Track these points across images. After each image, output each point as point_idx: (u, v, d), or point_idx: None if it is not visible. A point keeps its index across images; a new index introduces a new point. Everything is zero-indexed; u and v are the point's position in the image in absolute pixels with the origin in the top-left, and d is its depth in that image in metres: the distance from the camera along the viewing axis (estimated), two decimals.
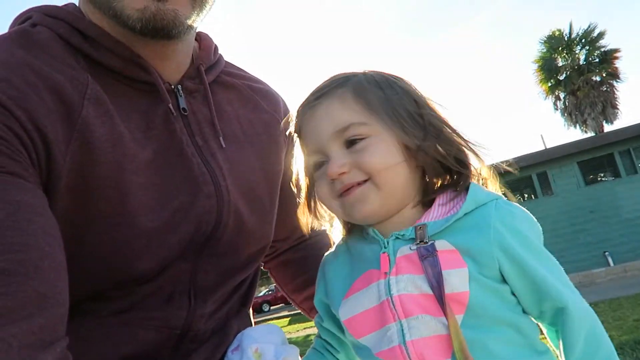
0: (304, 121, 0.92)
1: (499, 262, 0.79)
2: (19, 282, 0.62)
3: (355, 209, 0.86)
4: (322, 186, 0.90)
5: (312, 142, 0.90)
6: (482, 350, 0.77)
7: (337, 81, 0.92)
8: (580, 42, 23.59)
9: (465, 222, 0.83)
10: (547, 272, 0.80)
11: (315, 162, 0.92)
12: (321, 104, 0.91)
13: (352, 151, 0.86)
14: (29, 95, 0.73)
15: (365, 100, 0.89)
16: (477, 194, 0.85)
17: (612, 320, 6.94)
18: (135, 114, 0.87)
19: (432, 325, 0.79)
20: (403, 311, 0.80)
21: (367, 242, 0.93)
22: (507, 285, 0.81)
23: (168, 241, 0.86)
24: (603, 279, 12.08)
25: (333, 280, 0.96)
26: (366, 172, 0.85)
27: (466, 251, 0.80)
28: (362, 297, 0.87)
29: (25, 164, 0.70)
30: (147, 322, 0.87)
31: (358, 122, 0.88)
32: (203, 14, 0.89)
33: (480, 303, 0.78)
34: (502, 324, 0.80)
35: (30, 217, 0.67)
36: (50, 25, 0.85)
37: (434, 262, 0.80)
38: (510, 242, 0.80)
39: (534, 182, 13.81)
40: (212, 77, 1.03)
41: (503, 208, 0.84)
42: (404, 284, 0.81)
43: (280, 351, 0.88)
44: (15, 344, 0.59)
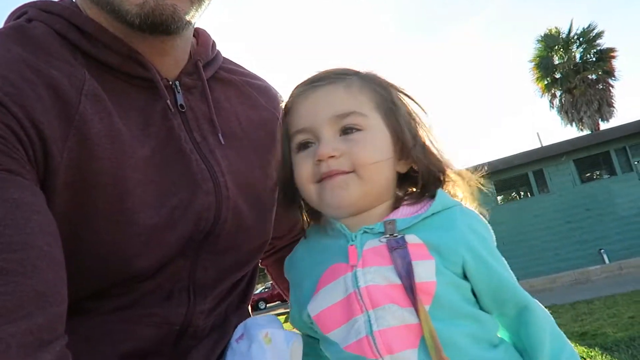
0: (300, 99, 0.93)
1: (463, 259, 0.83)
2: (17, 281, 0.61)
3: (334, 194, 0.87)
4: (304, 167, 0.90)
5: (305, 121, 0.91)
6: (446, 341, 0.79)
7: (345, 71, 0.95)
8: (577, 41, 23.64)
9: (432, 221, 0.87)
10: (505, 271, 0.86)
11: (301, 141, 0.92)
12: (324, 86, 0.92)
13: (345, 139, 0.88)
14: (25, 91, 0.72)
15: (370, 95, 0.92)
16: (444, 198, 0.91)
17: (607, 318, 6.97)
18: (133, 111, 0.87)
19: (399, 315, 0.81)
20: (371, 302, 0.82)
21: (331, 237, 0.95)
22: (468, 282, 0.85)
23: (167, 238, 0.86)
24: (598, 276, 12.12)
25: (301, 279, 0.97)
26: (354, 163, 0.87)
27: (433, 246, 0.84)
28: (329, 292, 0.88)
29: (23, 161, 0.70)
30: (147, 319, 0.87)
31: (359, 112, 0.90)
32: (201, 9, 0.89)
33: (445, 295, 0.82)
34: (464, 318, 0.83)
35: (28, 215, 0.66)
36: (46, 20, 0.84)
37: (404, 253, 0.83)
38: (474, 242, 0.85)
39: (530, 179, 13.84)
40: (210, 73, 1.03)
41: (466, 212, 0.90)
42: (372, 275, 0.84)
43: (289, 336, 0.88)
44: (14, 344, 0.58)
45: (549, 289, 12.14)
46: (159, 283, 0.88)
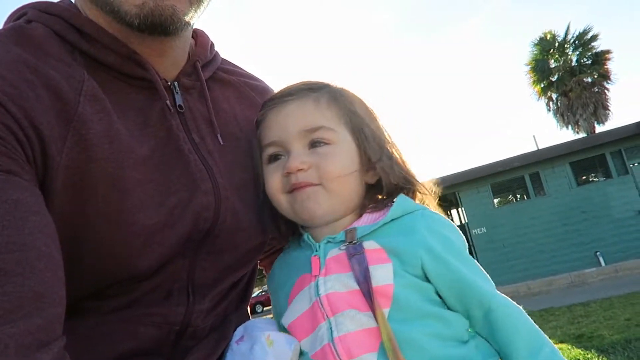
0: (272, 113, 0.97)
1: (422, 260, 0.84)
2: (15, 281, 0.61)
3: (304, 207, 0.91)
4: (274, 179, 0.94)
5: (275, 135, 0.95)
6: (408, 342, 0.79)
7: (313, 85, 0.99)
8: (573, 44, 23.75)
9: (393, 227, 0.90)
10: (470, 272, 0.86)
11: (271, 153, 0.96)
12: (294, 101, 0.96)
13: (313, 152, 0.92)
14: (24, 92, 0.72)
15: (337, 110, 0.96)
16: (404, 203, 0.93)
17: (603, 320, 6.99)
18: (132, 111, 0.87)
19: (358, 320, 0.82)
20: (331, 309, 0.84)
21: (301, 248, 0.98)
22: (431, 284, 0.85)
23: (166, 238, 0.86)
24: (595, 278, 12.14)
25: (278, 292, 1.00)
26: (321, 176, 0.91)
27: (391, 250, 0.86)
28: (298, 303, 0.91)
29: (22, 162, 0.69)
30: (146, 319, 0.87)
31: (327, 127, 0.94)
32: (200, 10, 0.89)
33: (404, 297, 0.82)
34: (427, 317, 0.83)
35: (27, 215, 0.66)
36: (45, 21, 0.84)
37: (361, 259, 0.85)
38: (434, 244, 0.86)
39: (527, 182, 13.88)
40: (208, 73, 1.03)
41: (428, 216, 0.91)
42: (332, 283, 0.86)
43: (289, 339, 0.89)
44: (12, 344, 0.58)
45: (545, 292, 12.16)
46: (158, 283, 0.88)
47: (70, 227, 0.76)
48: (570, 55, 23.97)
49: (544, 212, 13.36)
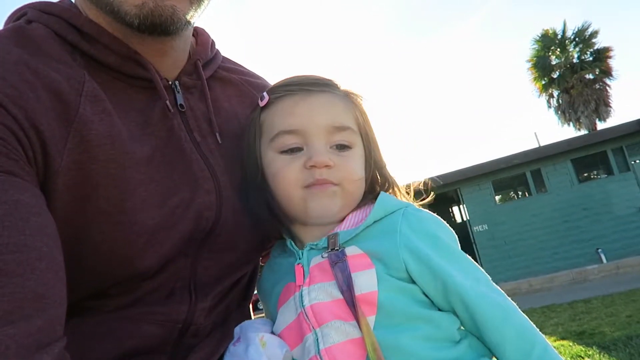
0: (292, 100, 0.91)
1: (405, 262, 0.82)
2: (16, 282, 0.61)
3: (320, 205, 0.88)
4: (291, 171, 0.88)
5: (298, 123, 0.89)
6: (396, 348, 0.77)
7: (331, 82, 0.96)
8: (574, 41, 23.68)
9: (375, 229, 0.87)
10: (454, 272, 0.81)
11: (288, 143, 0.90)
12: (323, 94, 0.92)
13: (335, 152, 0.89)
14: (25, 93, 0.72)
15: (354, 112, 0.95)
16: (385, 203, 0.90)
17: (605, 317, 6.98)
18: (133, 111, 0.87)
19: (343, 330, 0.80)
20: (316, 320, 0.82)
21: (286, 255, 0.96)
22: (417, 285, 0.83)
23: (168, 238, 0.86)
24: (596, 275, 12.14)
25: (267, 301, 0.99)
26: (343, 177, 0.89)
27: (374, 254, 0.83)
28: (284, 313, 0.89)
29: (22, 163, 0.69)
30: (149, 317, 0.87)
31: (353, 129, 0.93)
32: (201, 9, 0.89)
33: (390, 302, 0.80)
34: (416, 321, 0.81)
35: (28, 216, 0.66)
36: (45, 22, 0.84)
37: (343, 266, 0.83)
38: (416, 243, 0.83)
39: (528, 179, 13.86)
40: (209, 72, 1.03)
41: (410, 214, 0.88)
42: (316, 293, 0.84)
43: (282, 342, 0.90)
44: (13, 346, 0.58)
45: (547, 289, 12.16)
46: (160, 282, 0.88)
47: (72, 227, 0.76)
48: (572, 51, 23.90)
49: (545, 209, 13.34)
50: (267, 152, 0.93)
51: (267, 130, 0.94)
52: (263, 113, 0.95)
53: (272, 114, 0.93)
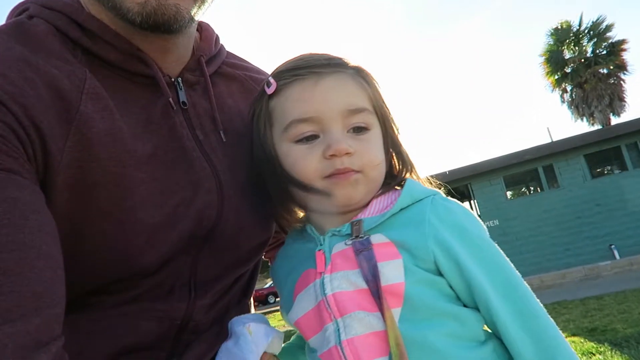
0: (302, 85, 0.85)
1: (434, 254, 0.78)
2: (14, 281, 0.61)
3: (344, 194, 0.83)
4: (311, 161, 0.83)
5: (312, 110, 0.84)
6: (421, 344, 0.74)
7: (340, 61, 0.89)
8: (588, 34, 23.33)
9: (401, 217, 0.83)
10: (481, 270, 0.77)
11: (304, 132, 0.85)
12: (334, 74, 0.86)
13: (353, 137, 0.84)
14: (25, 90, 0.72)
15: (369, 91, 0.89)
16: (412, 190, 0.85)
17: (617, 314, 6.92)
18: (135, 108, 0.86)
19: (366, 322, 0.77)
20: (338, 310, 0.79)
21: (304, 240, 0.92)
22: (444, 278, 0.79)
23: (169, 236, 0.85)
24: (609, 272, 12.02)
25: (282, 287, 0.96)
26: (365, 163, 0.84)
27: (401, 244, 0.79)
28: (303, 299, 0.86)
29: (22, 161, 0.69)
30: (148, 314, 0.87)
31: (369, 109, 0.87)
32: (205, 6, 0.88)
33: (417, 295, 0.76)
34: (442, 316, 0.77)
35: (27, 214, 0.65)
36: (47, 17, 0.83)
37: (369, 255, 0.79)
38: (445, 236, 0.78)
39: (540, 175, 13.73)
40: (213, 68, 1.02)
41: (439, 203, 0.83)
42: (338, 281, 0.80)
43: (269, 330, 0.91)
44: (11, 345, 0.58)
45: (559, 285, 12.06)
46: (160, 280, 0.88)
47: (71, 225, 0.76)
48: (585, 45, 23.56)
49: (557, 204, 13.21)
50: (281, 142, 0.87)
51: (278, 119, 0.88)
52: (271, 101, 0.89)
53: (282, 102, 0.88)
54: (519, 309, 0.76)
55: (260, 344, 0.89)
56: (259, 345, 0.88)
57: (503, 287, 0.77)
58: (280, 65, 0.92)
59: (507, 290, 0.77)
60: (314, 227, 0.90)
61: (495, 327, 0.77)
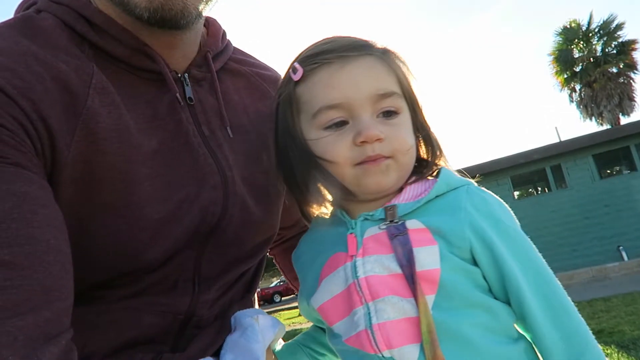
0: (329, 70, 0.83)
1: (470, 242, 0.77)
2: (24, 275, 0.61)
3: (375, 181, 0.82)
4: (342, 148, 0.81)
5: (341, 95, 0.82)
6: (453, 333, 0.73)
7: (366, 43, 0.87)
8: (598, 34, 23.19)
9: (436, 204, 0.82)
10: (515, 262, 0.77)
11: (333, 118, 0.83)
12: (361, 58, 0.84)
13: (383, 122, 0.83)
14: (33, 85, 0.72)
15: (397, 74, 0.87)
16: (448, 178, 0.85)
17: (625, 315, 6.88)
18: (141, 104, 0.86)
19: (400, 307, 0.76)
20: (370, 293, 0.78)
21: (332, 224, 0.91)
22: (479, 268, 0.78)
23: (173, 232, 0.85)
24: (617, 273, 11.93)
25: (305, 272, 0.95)
26: (396, 149, 0.82)
27: (437, 231, 0.78)
28: (330, 283, 0.84)
29: (30, 155, 0.69)
30: (152, 308, 0.87)
31: (398, 94, 0.85)
32: (212, 2, 0.88)
33: (451, 282, 0.75)
34: (475, 307, 0.76)
35: (36, 209, 0.66)
36: (55, 11, 0.84)
37: (404, 240, 0.78)
38: (481, 224, 0.78)
39: (548, 175, 13.65)
40: (219, 64, 1.02)
41: (475, 192, 0.82)
42: (371, 265, 0.79)
43: (275, 322, 0.92)
44: (21, 337, 0.58)
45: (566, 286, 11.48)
46: (164, 274, 0.88)
47: (77, 219, 0.77)
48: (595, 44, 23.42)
49: (565, 205, 13.13)
50: (309, 130, 0.85)
51: (306, 106, 0.86)
52: (298, 87, 0.87)
53: (309, 88, 0.85)
54: (551, 304, 0.76)
55: (266, 336, 0.90)
56: (265, 337, 0.89)
57: (535, 281, 0.77)
58: (304, 50, 0.90)
59: (540, 284, 0.77)
60: (344, 211, 0.89)
61: (525, 321, 0.77)
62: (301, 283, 0.97)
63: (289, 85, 0.89)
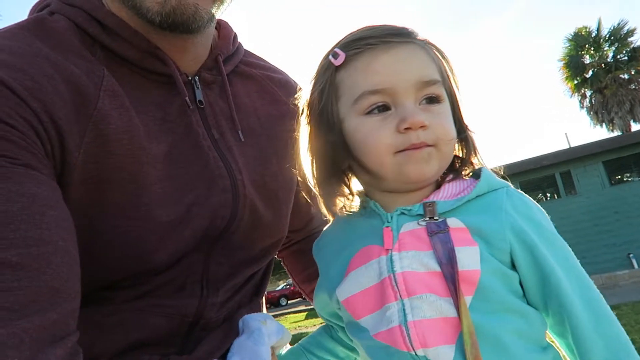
0: (372, 54, 0.81)
1: (511, 245, 0.76)
2: (31, 276, 0.61)
3: (416, 169, 0.79)
4: (384, 135, 0.79)
5: (385, 81, 0.79)
6: (489, 337, 0.72)
7: (407, 31, 0.85)
8: (609, 40, 23.06)
9: (476, 204, 0.80)
10: (558, 265, 0.75)
11: (375, 103, 0.80)
12: (406, 45, 0.82)
13: (426, 110, 0.81)
14: (45, 86, 0.72)
15: (439, 64, 0.86)
16: (490, 179, 0.83)
17: (634, 324, 6.80)
18: (151, 106, 0.86)
19: (437, 306, 0.74)
20: (406, 289, 0.76)
21: (363, 216, 0.88)
22: (517, 273, 0.77)
23: (182, 234, 0.85)
24: (626, 281, 11.81)
25: (328, 263, 0.92)
26: (439, 137, 0.80)
27: (477, 231, 0.77)
28: (360, 275, 0.82)
29: (40, 156, 0.70)
30: (159, 310, 0.87)
31: (441, 82, 0.83)
32: (224, 6, 0.88)
33: (490, 285, 0.74)
34: (509, 312, 0.75)
35: (45, 210, 0.66)
36: (68, 14, 0.84)
37: (445, 238, 0.76)
38: (522, 226, 0.76)
39: (557, 181, 13.55)
40: (230, 67, 1.02)
41: (515, 195, 0.81)
42: (409, 260, 0.77)
43: (280, 328, 0.94)
44: (27, 339, 0.58)
45: None
46: (172, 276, 0.88)
47: (86, 220, 0.77)
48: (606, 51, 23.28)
49: (574, 211, 13.02)
50: (349, 116, 0.83)
51: (347, 91, 0.83)
52: (339, 73, 0.84)
53: (351, 73, 0.83)
54: (594, 310, 0.74)
55: (272, 340, 0.92)
56: (271, 340, 0.91)
57: (579, 286, 0.76)
58: (344, 37, 0.87)
59: (583, 289, 0.76)
60: (378, 204, 0.87)
61: (564, 324, 0.75)
62: (322, 275, 0.95)
63: (327, 71, 0.86)
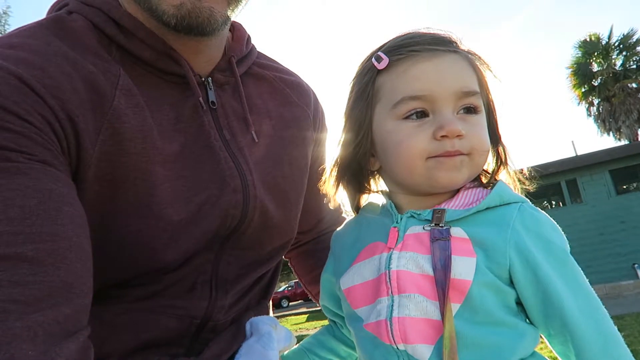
0: (414, 61, 0.82)
1: (510, 261, 0.76)
2: (46, 271, 0.63)
3: (446, 176, 0.81)
4: (420, 141, 0.80)
5: (426, 88, 0.81)
6: (471, 345, 0.74)
7: (460, 44, 0.86)
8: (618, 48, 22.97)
9: (485, 217, 0.80)
10: (563, 285, 0.75)
11: (415, 108, 0.81)
12: (448, 54, 0.83)
13: (463, 120, 0.82)
14: (63, 84, 0.74)
15: (481, 78, 0.87)
16: (503, 191, 0.83)
17: (638, 334, 6.75)
18: (165, 106, 0.88)
19: (423, 307, 0.76)
20: (398, 287, 0.79)
21: (379, 214, 0.92)
22: (514, 290, 0.77)
23: (193, 234, 0.87)
24: (631, 291, 11.73)
25: (341, 252, 0.96)
26: (474, 147, 0.82)
27: (479, 242, 0.78)
28: (363, 268, 0.86)
29: (56, 153, 0.71)
30: (169, 310, 0.88)
31: (480, 93, 0.85)
32: (239, 9, 0.89)
33: (479, 296, 0.75)
34: (499, 325, 0.76)
35: (60, 206, 0.67)
36: (86, 13, 0.86)
37: (445, 245, 0.78)
38: (527, 244, 0.76)
39: (563, 189, 13.49)
40: (243, 68, 1.03)
41: (527, 212, 0.80)
42: (406, 260, 0.80)
43: (288, 334, 0.96)
44: (41, 333, 0.59)
45: None
46: (182, 275, 0.89)
47: (98, 217, 0.78)
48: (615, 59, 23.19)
49: (580, 220, 12.95)
50: (386, 119, 0.84)
51: (386, 95, 0.85)
52: (380, 77, 0.86)
53: (393, 78, 0.84)
54: (602, 330, 0.74)
55: (281, 345, 0.93)
56: (280, 346, 0.93)
57: (587, 306, 0.75)
58: (387, 42, 0.88)
59: (591, 309, 0.75)
60: (394, 205, 0.90)
61: (567, 344, 0.75)
62: (335, 260, 0.98)
63: (368, 74, 0.88)
